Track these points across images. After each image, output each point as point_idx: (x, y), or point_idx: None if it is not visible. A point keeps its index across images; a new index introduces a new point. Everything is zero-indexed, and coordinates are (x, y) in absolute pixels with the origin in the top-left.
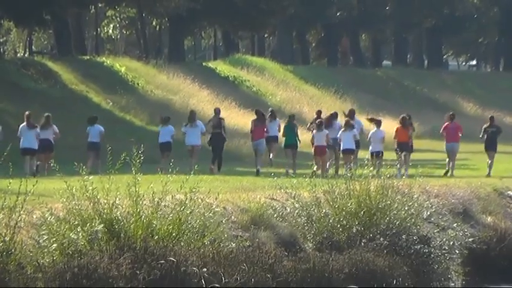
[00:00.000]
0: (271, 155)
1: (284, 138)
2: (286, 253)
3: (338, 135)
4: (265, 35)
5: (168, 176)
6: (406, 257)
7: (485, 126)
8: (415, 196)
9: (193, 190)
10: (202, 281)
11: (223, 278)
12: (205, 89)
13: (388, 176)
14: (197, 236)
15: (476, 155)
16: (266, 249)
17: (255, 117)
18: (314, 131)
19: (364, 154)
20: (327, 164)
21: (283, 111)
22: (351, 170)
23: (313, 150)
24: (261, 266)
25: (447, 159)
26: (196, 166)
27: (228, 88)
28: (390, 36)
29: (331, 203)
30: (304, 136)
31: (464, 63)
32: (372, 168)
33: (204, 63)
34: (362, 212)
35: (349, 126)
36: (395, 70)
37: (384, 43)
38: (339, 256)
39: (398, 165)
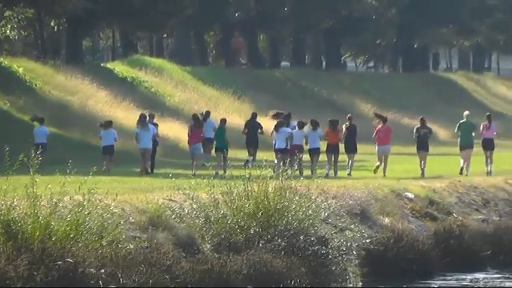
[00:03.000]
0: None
1: (215, 140)
2: (184, 254)
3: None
4: (164, 36)
5: (66, 177)
6: (303, 258)
7: (416, 127)
8: (313, 197)
9: (91, 191)
10: (100, 282)
11: (121, 279)
12: (103, 89)
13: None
14: (95, 237)
15: (374, 156)
16: (164, 251)
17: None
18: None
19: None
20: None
21: (181, 112)
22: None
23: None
24: (159, 267)
25: (377, 164)
26: (94, 168)
27: (126, 89)
28: (288, 37)
29: (229, 204)
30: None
31: (362, 65)
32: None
33: (102, 64)
34: (260, 213)
35: (315, 126)
36: (293, 71)
37: (281, 44)
38: (237, 257)
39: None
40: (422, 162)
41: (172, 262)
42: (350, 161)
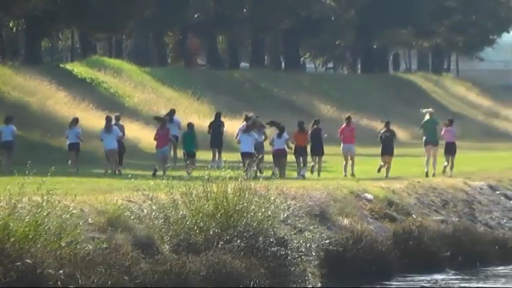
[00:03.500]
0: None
1: (183, 145)
2: (143, 255)
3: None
4: (123, 37)
5: (25, 177)
6: (263, 258)
7: (381, 131)
8: (272, 198)
9: (50, 192)
10: (59, 283)
11: (80, 280)
12: (62, 90)
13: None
14: (54, 238)
15: (333, 157)
16: (123, 251)
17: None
18: (275, 136)
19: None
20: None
21: (140, 113)
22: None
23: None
24: (118, 268)
25: (344, 163)
26: (53, 168)
27: (85, 90)
28: (247, 38)
29: (188, 205)
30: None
31: (321, 66)
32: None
33: (61, 65)
34: (219, 214)
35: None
36: (252, 72)
37: (240, 45)
38: (196, 258)
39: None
40: (386, 165)
41: (131, 263)
42: (317, 163)
